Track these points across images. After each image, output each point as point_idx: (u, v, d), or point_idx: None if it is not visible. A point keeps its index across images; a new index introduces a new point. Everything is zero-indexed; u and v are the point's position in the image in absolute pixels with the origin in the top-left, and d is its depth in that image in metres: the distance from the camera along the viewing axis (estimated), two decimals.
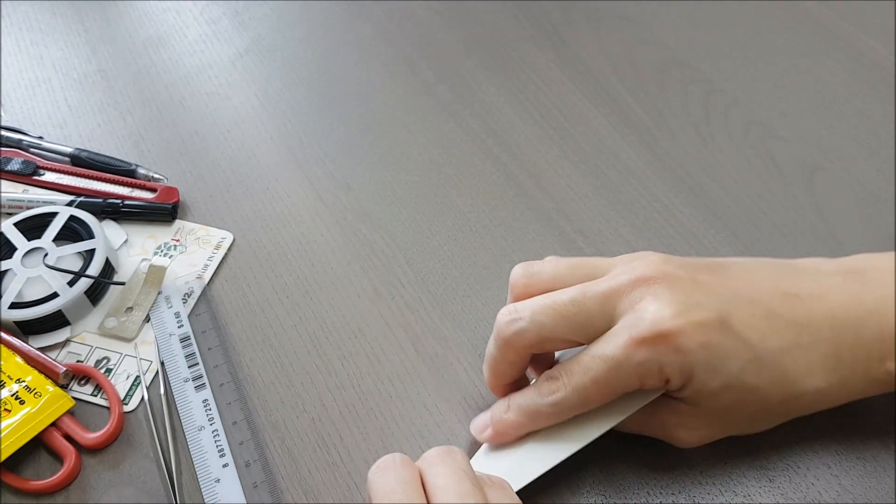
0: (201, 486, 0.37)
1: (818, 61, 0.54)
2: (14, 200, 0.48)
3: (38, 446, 0.39)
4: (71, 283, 0.43)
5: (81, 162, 0.50)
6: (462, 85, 0.55)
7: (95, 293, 0.44)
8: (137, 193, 0.49)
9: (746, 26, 0.57)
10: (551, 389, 0.33)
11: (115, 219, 0.48)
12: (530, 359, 0.36)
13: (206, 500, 0.37)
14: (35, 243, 0.45)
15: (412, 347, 0.42)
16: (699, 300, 0.32)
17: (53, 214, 0.46)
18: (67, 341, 0.43)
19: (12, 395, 0.39)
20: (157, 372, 0.41)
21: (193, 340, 0.42)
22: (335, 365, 0.41)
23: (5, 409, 0.38)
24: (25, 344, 0.41)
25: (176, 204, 0.48)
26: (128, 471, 0.38)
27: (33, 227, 0.46)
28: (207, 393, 0.40)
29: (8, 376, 0.40)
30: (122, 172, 0.49)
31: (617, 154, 0.50)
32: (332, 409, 0.40)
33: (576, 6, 0.59)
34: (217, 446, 0.38)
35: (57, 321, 0.43)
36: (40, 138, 0.52)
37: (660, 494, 0.36)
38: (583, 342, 0.34)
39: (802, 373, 0.33)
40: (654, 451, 0.37)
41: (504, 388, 0.37)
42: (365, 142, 0.52)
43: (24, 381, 0.39)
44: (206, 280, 0.45)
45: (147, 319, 0.43)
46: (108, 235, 0.46)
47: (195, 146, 0.52)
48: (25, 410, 0.38)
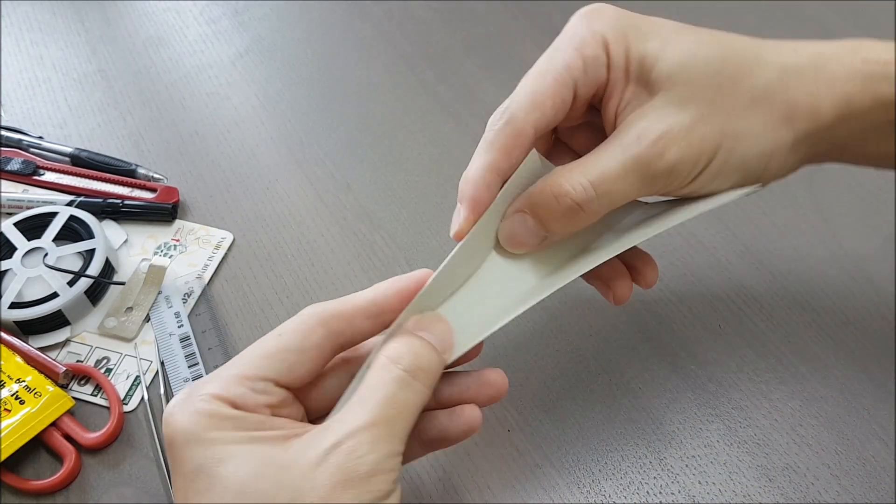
0: None
1: None
2: (14, 200, 0.48)
3: (38, 446, 0.39)
4: (71, 283, 0.43)
5: (81, 162, 0.50)
6: (462, 85, 0.55)
7: (95, 293, 0.44)
8: (137, 193, 0.49)
9: (746, 26, 0.57)
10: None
11: (115, 219, 0.48)
12: None
13: None
14: (35, 243, 0.45)
15: None
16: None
17: (53, 214, 0.46)
18: (67, 341, 0.43)
19: (12, 395, 0.39)
20: (157, 372, 0.41)
21: (193, 340, 0.42)
22: None
23: (5, 409, 0.38)
24: (25, 344, 0.41)
25: (176, 204, 0.48)
26: (128, 470, 0.38)
27: (33, 227, 0.46)
28: None
29: (8, 376, 0.40)
30: (122, 172, 0.49)
31: None
32: None
33: (576, 6, 0.59)
34: None
35: (57, 321, 0.43)
36: (40, 138, 0.52)
37: (660, 494, 0.36)
38: None
39: None
40: (655, 452, 0.37)
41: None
42: (365, 142, 0.52)
43: (24, 381, 0.39)
44: (206, 280, 0.45)
45: (147, 319, 0.43)
46: (108, 235, 0.46)
47: (195, 146, 0.52)
48: (25, 410, 0.38)
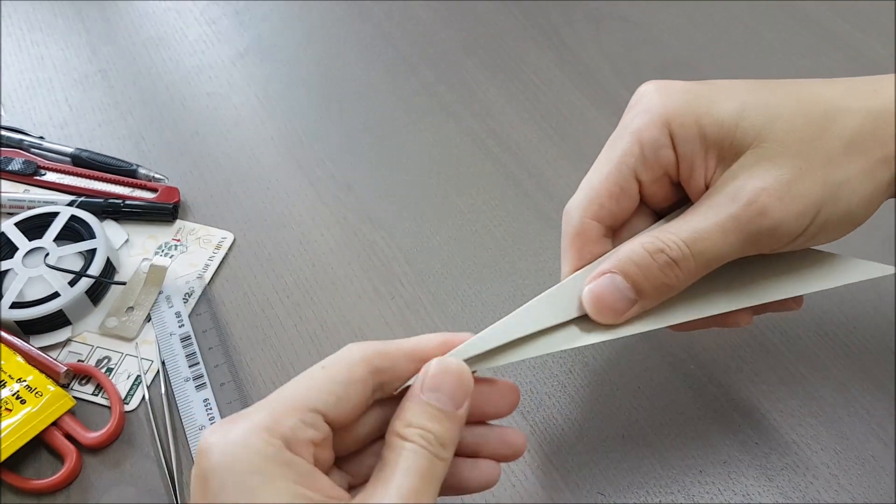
0: None
1: (818, 61, 0.54)
2: (15, 200, 0.48)
3: (39, 446, 0.39)
4: (72, 283, 0.43)
5: (82, 162, 0.50)
6: (462, 85, 0.55)
7: (96, 293, 0.44)
8: (138, 193, 0.49)
9: (746, 26, 0.57)
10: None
11: (116, 219, 0.48)
12: None
13: None
14: (36, 243, 0.45)
15: None
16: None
17: (54, 214, 0.46)
18: (68, 341, 0.43)
19: (13, 395, 0.39)
20: (158, 371, 0.41)
21: (194, 340, 0.42)
22: None
23: (6, 409, 0.38)
24: (26, 343, 0.42)
25: (177, 204, 0.48)
26: (128, 470, 0.38)
27: (34, 227, 0.46)
28: (208, 392, 0.40)
29: (9, 376, 0.40)
30: (123, 172, 0.49)
31: None
32: None
33: (576, 6, 0.59)
34: None
35: (58, 321, 0.43)
36: (41, 138, 0.52)
37: (660, 494, 0.36)
38: None
39: None
40: (655, 452, 0.37)
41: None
42: (365, 142, 0.52)
43: (25, 381, 0.39)
44: (207, 280, 0.45)
45: (148, 319, 0.43)
46: (109, 235, 0.46)
47: (196, 146, 0.52)
48: (26, 410, 0.38)
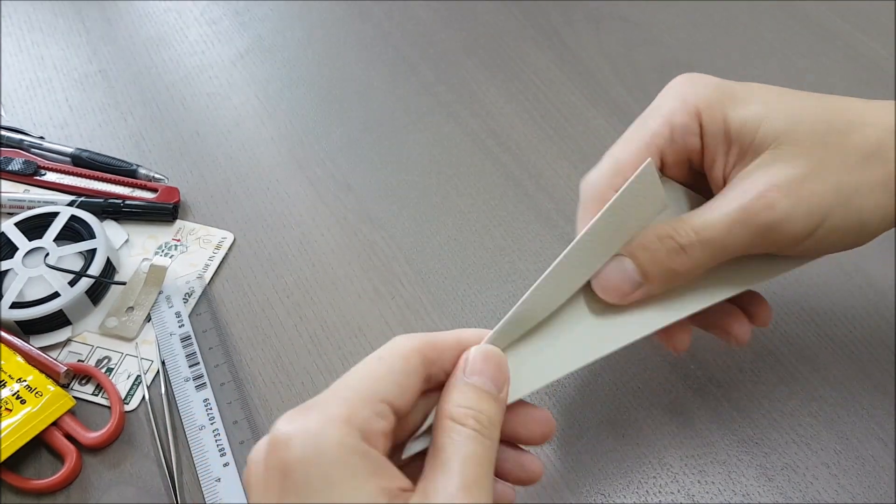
0: (202, 486, 0.37)
1: (817, 61, 0.54)
2: (15, 200, 0.48)
3: (39, 446, 0.39)
4: (72, 283, 0.43)
5: (82, 162, 0.50)
6: (462, 85, 0.55)
7: (96, 293, 0.44)
8: (138, 193, 0.49)
9: (746, 26, 0.57)
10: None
11: (116, 219, 0.48)
12: None
13: (207, 500, 0.37)
14: (36, 243, 0.45)
15: None
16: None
17: (54, 214, 0.46)
18: (68, 341, 0.43)
19: (13, 395, 0.39)
20: (158, 371, 0.41)
21: (194, 340, 0.42)
22: (335, 364, 0.42)
23: (6, 409, 0.38)
24: (26, 343, 0.42)
25: (177, 204, 0.48)
26: (128, 470, 0.38)
27: (34, 227, 0.46)
28: (208, 392, 0.40)
29: (9, 376, 0.40)
30: (123, 172, 0.49)
31: None
32: None
33: (576, 6, 0.59)
34: (218, 445, 0.38)
35: (58, 321, 0.43)
36: (41, 138, 0.52)
37: (659, 494, 0.36)
38: None
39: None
40: (655, 452, 0.37)
41: None
42: (365, 142, 0.52)
43: (25, 381, 0.40)
44: (207, 280, 0.45)
45: (148, 319, 0.43)
46: (109, 235, 0.46)
47: (196, 146, 0.52)
48: (26, 410, 0.38)
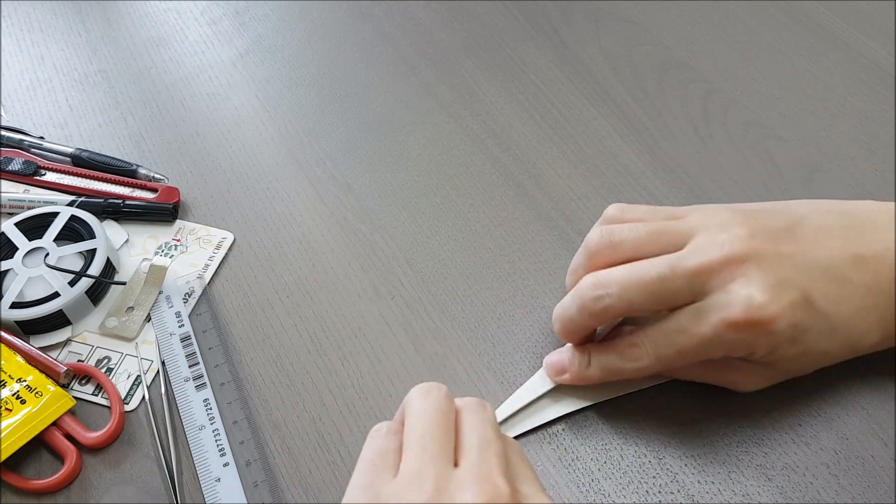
0: (202, 486, 0.37)
1: (817, 62, 0.54)
2: (15, 200, 0.48)
3: (39, 446, 0.39)
4: (72, 283, 0.43)
5: (82, 162, 0.50)
6: (462, 85, 0.55)
7: (96, 293, 0.44)
8: (138, 193, 0.49)
9: (746, 26, 0.57)
10: (635, 356, 0.35)
11: (116, 219, 0.48)
12: None
13: (207, 500, 0.37)
14: (36, 243, 0.45)
15: (412, 347, 0.42)
16: (786, 277, 0.34)
17: (54, 214, 0.46)
18: (68, 341, 0.43)
19: (13, 395, 0.39)
20: (158, 371, 0.41)
21: (194, 340, 0.42)
22: (335, 365, 0.42)
23: (6, 409, 0.38)
24: (26, 343, 0.42)
25: (177, 204, 0.48)
26: (128, 470, 0.38)
27: (34, 227, 0.46)
28: (208, 392, 0.40)
29: (9, 376, 0.40)
30: (123, 173, 0.49)
31: (616, 154, 0.50)
32: (333, 409, 0.40)
33: (576, 6, 0.59)
34: (218, 445, 0.38)
35: (58, 321, 0.43)
36: (41, 138, 0.52)
37: (659, 494, 0.36)
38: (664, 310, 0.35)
39: (865, 331, 0.35)
40: (654, 452, 0.37)
41: (576, 341, 0.38)
42: (365, 142, 0.52)
43: (25, 381, 0.40)
44: (207, 280, 0.45)
45: (148, 319, 0.43)
46: (109, 235, 0.46)
47: (196, 146, 0.52)
48: (26, 410, 0.38)
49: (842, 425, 0.38)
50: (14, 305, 0.42)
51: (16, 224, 0.46)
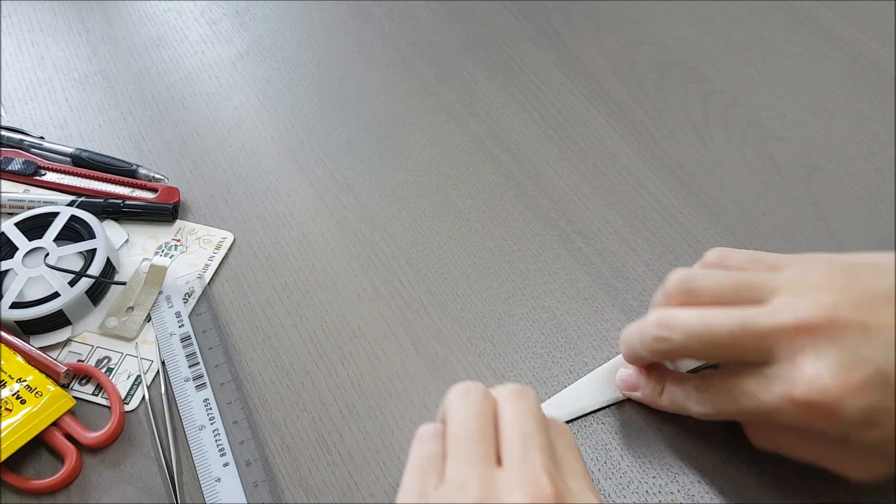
0: (202, 486, 0.37)
1: (817, 62, 0.54)
2: (15, 200, 0.48)
3: (39, 446, 0.39)
4: (72, 283, 0.43)
5: (82, 162, 0.50)
6: (462, 85, 0.55)
7: (96, 293, 0.44)
8: (138, 193, 0.49)
9: (746, 26, 0.57)
10: (699, 401, 0.34)
11: (116, 219, 0.48)
12: None
13: (207, 500, 0.37)
14: (36, 243, 0.45)
15: (412, 347, 0.42)
16: (864, 355, 0.29)
17: (54, 214, 0.46)
18: (68, 341, 0.43)
19: (13, 395, 0.39)
20: (158, 371, 0.41)
21: (194, 340, 0.42)
22: (335, 365, 0.42)
23: (6, 409, 0.38)
24: (26, 343, 0.42)
25: (177, 204, 0.48)
26: (128, 470, 0.38)
27: (34, 227, 0.46)
28: (208, 392, 0.40)
29: (9, 376, 0.40)
30: (123, 173, 0.49)
31: (616, 154, 0.50)
32: (333, 409, 0.40)
33: (576, 6, 0.59)
34: (218, 445, 0.38)
35: (58, 321, 0.43)
36: (41, 138, 0.52)
37: (659, 494, 0.36)
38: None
39: None
40: (654, 452, 0.37)
41: (640, 367, 0.38)
42: (365, 142, 0.52)
43: (25, 381, 0.40)
44: (207, 280, 0.45)
45: (148, 319, 0.43)
46: (109, 235, 0.46)
47: (196, 146, 0.52)
48: (26, 410, 0.38)
49: None
50: (14, 305, 0.42)
51: (16, 224, 0.46)
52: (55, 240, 0.45)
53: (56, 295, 0.42)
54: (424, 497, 0.29)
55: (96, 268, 0.44)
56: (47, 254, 0.45)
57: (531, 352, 0.41)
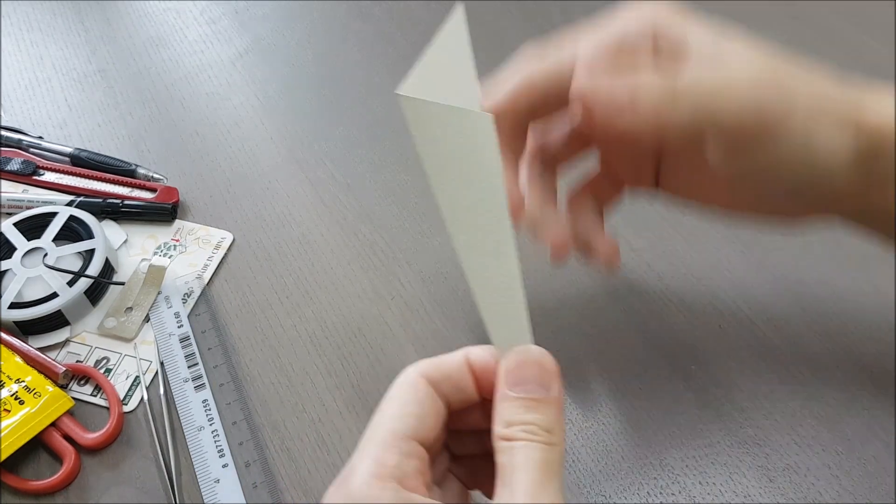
0: (201, 487, 0.37)
1: (818, 61, 0.54)
2: (14, 200, 0.48)
3: (38, 446, 0.39)
4: (70, 283, 0.43)
5: (81, 162, 0.50)
6: None
7: (95, 293, 0.44)
8: (137, 193, 0.49)
9: (746, 26, 0.57)
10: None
11: (115, 219, 0.48)
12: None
13: (206, 501, 0.36)
14: (35, 243, 0.45)
15: (412, 347, 0.42)
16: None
17: (53, 214, 0.46)
18: (67, 341, 0.43)
19: (12, 396, 0.39)
20: (157, 372, 0.41)
21: (193, 340, 0.42)
22: (335, 365, 0.41)
23: (5, 410, 0.38)
24: (25, 344, 0.41)
25: (176, 204, 0.48)
26: (127, 471, 0.38)
27: (33, 227, 0.46)
28: (207, 393, 0.40)
29: (7, 376, 0.40)
30: (122, 172, 0.49)
31: None
32: (332, 410, 0.40)
33: (576, 6, 0.59)
34: (217, 446, 0.38)
35: (56, 321, 0.43)
36: (40, 138, 0.52)
37: (660, 494, 0.36)
38: None
39: None
40: (654, 452, 0.37)
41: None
42: (365, 142, 0.52)
43: (24, 382, 0.39)
44: (206, 280, 0.45)
45: (147, 319, 0.43)
46: (108, 235, 0.46)
47: (195, 146, 0.52)
48: (25, 410, 0.38)
49: (843, 426, 0.38)
50: (13, 306, 0.42)
51: (14, 224, 0.46)
52: (54, 240, 0.45)
53: (55, 295, 0.42)
54: None
55: (95, 268, 0.43)
56: (46, 254, 0.45)
57: None
